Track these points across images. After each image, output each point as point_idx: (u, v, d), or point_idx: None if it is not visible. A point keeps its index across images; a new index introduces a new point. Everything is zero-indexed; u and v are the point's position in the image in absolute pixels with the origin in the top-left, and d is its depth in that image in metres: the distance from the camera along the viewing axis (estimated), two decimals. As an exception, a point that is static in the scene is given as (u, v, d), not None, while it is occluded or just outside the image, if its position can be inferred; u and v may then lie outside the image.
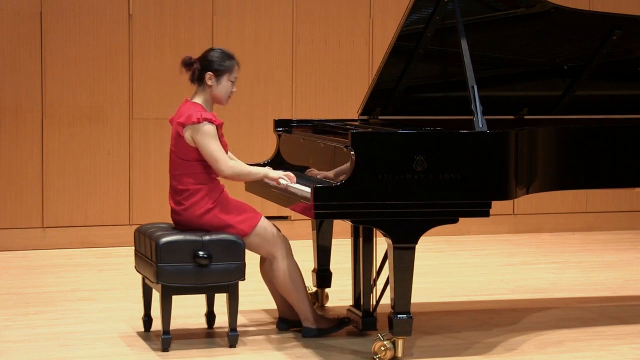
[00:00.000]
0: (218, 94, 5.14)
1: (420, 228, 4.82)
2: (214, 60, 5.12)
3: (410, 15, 5.26)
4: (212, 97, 5.16)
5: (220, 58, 5.13)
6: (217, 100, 5.17)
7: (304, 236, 7.23)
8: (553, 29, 5.65)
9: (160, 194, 7.89)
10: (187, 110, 5.10)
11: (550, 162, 5.26)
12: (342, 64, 8.35)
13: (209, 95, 5.15)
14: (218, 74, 5.11)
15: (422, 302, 6.07)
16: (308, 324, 5.27)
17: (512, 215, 8.79)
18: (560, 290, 6.58)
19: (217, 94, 5.14)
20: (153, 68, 7.93)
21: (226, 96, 5.17)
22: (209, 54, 5.15)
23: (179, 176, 5.12)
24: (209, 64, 5.11)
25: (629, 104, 6.14)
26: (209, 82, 5.11)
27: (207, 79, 5.11)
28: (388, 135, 4.86)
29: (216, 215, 5.07)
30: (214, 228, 5.07)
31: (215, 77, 5.12)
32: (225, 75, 5.13)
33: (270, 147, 6.69)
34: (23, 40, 7.67)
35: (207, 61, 5.12)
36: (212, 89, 5.13)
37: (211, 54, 5.14)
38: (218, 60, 5.12)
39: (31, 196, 7.75)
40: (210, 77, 5.11)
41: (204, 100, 5.16)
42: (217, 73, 5.11)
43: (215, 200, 5.08)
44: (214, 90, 5.13)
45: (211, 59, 5.12)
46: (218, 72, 5.11)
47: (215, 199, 5.08)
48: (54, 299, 6.15)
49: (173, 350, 5.04)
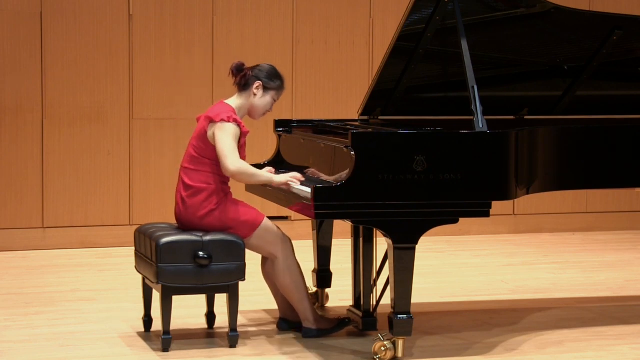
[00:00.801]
0: (258, 105, 5.18)
1: (420, 228, 4.82)
2: (268, 73, 5.18)
3: (410, 15, 5.26)
4: (249, 106, 5.18)
5: (275, 75, 5.20)
6: (253, 111, 5.19)
7: (304, 236, 7.23)
8: (553, 29, 5.66)
9: (160, 194, 7.90)
10: (219, 108, 5.11)
11: (550, 162, 5.26)
12: (342, 64, 8.35)
13: (247, 103, 5.18)
14: (267, 86, 5.16)
15: (422, 302, 6.07)
16: (308, 324, 5.27)
17: (512, 215, 8.79)
18: (560, 290, 6.58)
19: (257, 105, 5.17)
20: (153, 68, 7.93)
21: (263, 111, 5.21)
22: (265, 66, 5.21)
23: (189, 171, 5.12)
24: (262, 74, 5.17)
25: (629, 104, 6.14)
26: (255, 91, 5.15)
27: (255, 87, 5.15)
28: (388, 135, 4.86)
29: (217, 217, 5.07)
30: (214, 229, 5.07)
31: (262, 89, 5.16)
32: (272, 91, 5.19)
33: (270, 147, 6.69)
34: (23, 40, 7.67)
35: (261, 71, 5.18)
36: (255, 98, 5.16)
37: (267, 67, 5.20)
38: (270, 75, 5.18)
39: (31, 196, 7.75)
40: (259, 86, 5.15)
41: (239, 106, 5.17)
42: (266, 85, 5.16)
43: (218, 203, 5.08)
44: (255, 100, 5.16)
45: (266, 71, 5.18)
46: (267, 85, 5.16)
47: (217, 201, 5.08)
48: (54, 299, 6.15)
49: (173, 350, 5.04)
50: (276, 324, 5.46)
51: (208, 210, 5.06)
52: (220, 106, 5.14)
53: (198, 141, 5.11)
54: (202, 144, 5.09)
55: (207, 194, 5.07)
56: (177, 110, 7.99)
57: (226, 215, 5.07)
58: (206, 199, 5.07)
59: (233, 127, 5.03)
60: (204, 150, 5.09)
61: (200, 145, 5.10)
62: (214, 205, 5.07)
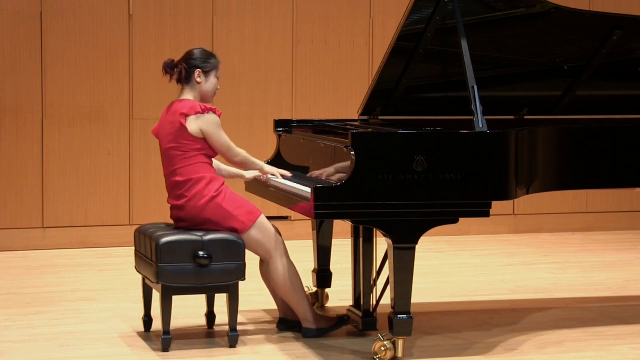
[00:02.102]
0: (207, 90, 5.25)
1: (420, 228, 4.82)
2: (199, 58, 5.24)
3: (410, 15, 5.26)
4: (200, 94, 5.25)
5: (205, 56, 5.26)
6: (205, 97, 5.26)
7: (304, 236, 7.23)
8: (553, 29, 5.65)
9: (160, 194, 7.87)
10: (185, 105, 5.14)
11: (550, 162, 5.26)
12: (342, 64, 8.35)
13: (197, 93, 5.24)
14: (206, 71, 5.22)
15: (422, 302, 6.07)
16: (307, 324, 5.27)
17: (512, 215, 8.79)
18: (560, 290, 6.58)
19: (206, 90, 5.25)
20: (153, 68, 7.92)
21: (213, 92, 5.30)
22: (193, 53, 5.27)
23: (178, 170, 5.12)
24: (195, 62, 5.23)
25: (629, 104, 6.14)
26: (198, 79, 5.22)
27: (197, 76, 5.21)
28: (388, 135, 4.86)
29: (219, 204, 5.07)
30: (216, 217, 5.06)
31: (203, 74, 5.22)
32: (212, 72, 5.26)
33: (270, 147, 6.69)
34: (23, 40, 7.67)
35: (192, 59, 5.24)
36: (201, 85, 5.23)
37: (195, 53, 5.27)
38: (203, 58, 5.25)
39: (31, 196, 7.75)
40: (199, 74, 5.22)
41: (194, 98, 5.24)
42: (205, 70, 5.21)
43: (218, 189, 5.10)
44: (202, 87, 5.23)
45: (196, 57, 5.25)
46: (206, 69, 5.22)
47: (217, 187, 5.10)
48: (54, 299, 6.15)
49: (173, 350, 5.04)
50: (276, 324, 5.46)
51: (210, 197, 5.07)
52: (183, 103, 5.18)
53: (177, 141, 5.12)
54: (184, 140, 5.11)
55: (205, 182, 5.10)
56: (177, 110, 7.97)
57: (227, 202, 5.09)
58: (206, 187, 5.09)
59: (214, 117, 5.13)
60: (188, 145, 5.12)
61: (181, 143, 5.11)
62: (214, 192, 5.09)
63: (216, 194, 5.09)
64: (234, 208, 5.10)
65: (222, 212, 5.08)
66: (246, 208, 5.13)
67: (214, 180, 5.12)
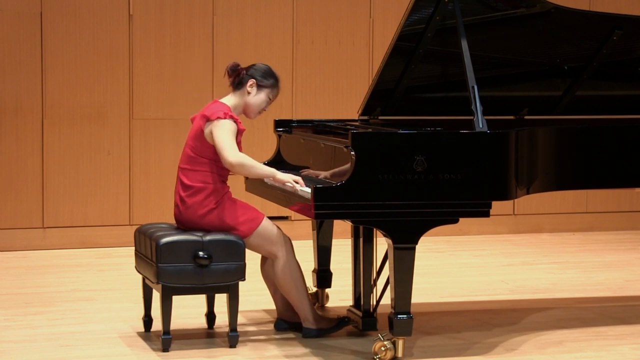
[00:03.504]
0: (253, 103, 5.18)
1: (420, 228, 4.82)
2: (260, 71, 5.19)
3: (410, 15, 5.26)
4: (244, 105, 5.18)
5: (267, 73, 5.21)
6: (248, 109, 5.19)
7: (304, 236, 7.23)
8: (553, 29, 5.65)
9: (160, 194, 7.90)
10: (214, 107, 5.12)
11: (550, 162, 5.26)
12: (342, 64, 8.35)
13: (242, 101, 5.18)
14: (260, 84, 5.17)
15: (422, 302, 6.07)
16: (308, 324, 5.27)
17: (512, 215, 8.79)
18: (560, 290, 6.58)
19: (252, 103, 5.18)
20: (153, 68, 7.93)
21: (258, 109, 5.21)
22: (260, 66, 5.23)
23: (188, 171, 5.12)
24: (256, 72, 5.18)
25: (629, 104, 6.14)
26: (249, 89, 5.16)
27: (249, 85, 5.16)
28: (388, 135, 4.86)
29: (217, 215, 5.07)
30: (215, 228, 5.07)
31: (256, 87, 5.17)
32: (266, 89, 5.19)
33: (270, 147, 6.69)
34: (23, 40, 7.67)
35: (255, 70, 5.19)
36: (250, 96, 5.17)
37: (262, 66, 5.22)
38: (264, 73, 5.20)
39: (31, 196, 7.75)
40: (252, 84, 5.16)
41: (234, 104, 5.18)
42: (260, 83, 5.17)
43: (218, 201, 5.08)
44: (250, 98, 5.17)
45: (258, 69, 5.20)
46: (261, 83, 5.17)
47: (217, 199, 5.08)
48: (54, 299, 6.15)
49: (173, 350, 5.04)
50: (274, 324, 5.46)
51: (208, 209, 5.07)
52: (216, 105, 5.14)
53: (195, 141, 5.11)
54: (199, 143, 5.09)
55: (206, 193, 5.07)
56: (177, 110, 7.99)
57: (226, 214, 5.08)
58: (206, 198, 5.07)
59: (230, 123, 5.03)
60: (202, 149, 5.09)
61: (197, 145, 5.10)
62: (213, 204, 5.07)
63: (215, 206, 5.07)
64: (233, 218, 5.08)
65: (221, 224, 5.07)
66: (246, 216, 5.10)
67: (215, 192, 5.09)
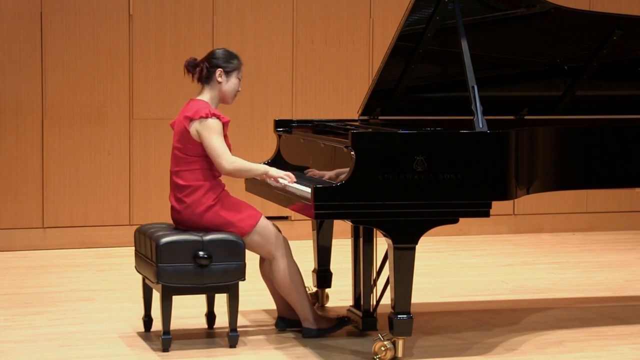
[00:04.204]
0: (227, 90, 5.19)
1: (420, 228, 4.82)
2: (221, 57, 5.19)
3: (410, 15, 5.26)
4: (219, 94, 5.20)
5: (228, 56, 5.21)
6: (224, 97, 5.21)
7: (304, 236, 7.23)
8: (553, 29, 5.65)
9: (160, 194, 7.89)
10: (194, 106, 5.13)
11: (550, 162, 5.26)
12: (342, 64, 8.35)
13: (216, 92, 5.19)
14: (228, 70, 5.17)
15: (422, 302, 6.07)
16: (308, 324, 5.27)
17: (512, 215, 8.79)
18: (560, 290, 6.58)
19: (226, 91, 5.19)
20: (153, 68, 7.93)
21: (233, 93, 5.23)
22: (216, 53, 5.21)
23: (180, 172, 5.13)
24: (217, 61, 5.18)
25: (629, 104, 6.14)
26: (219, 79, 5.16)
27: (217, 75, 5.16)
28: (388, 135, 4.86)
29: (217, 212, 5.07)
30: (215, 226, 5.07)
31: (224, 74, 5.17)
32: (234, 72, 5.20)
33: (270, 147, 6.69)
34: (23, 40, 7.67)
35: (214, 59, 5.19)
36: (222, 85, 5.18)
37: (218, 53, 5.21)
38: (226, 57, 5.20)
39: (31, 196, 7.75)
40: (220, 73, 5.16)
41: (210, 98, 5.19)
42: (226, 70, 5.17)
43: (216, 197, 5.09)
44: (222, 87, 5.18)
45: (219, 56, 5.19)
46: (227, 69, 5.17)
47: (216, 196, 5.09)
48: (54, 299, 6.15)
49: (173, 350, 5.04)
50: (274, 323, 5.46)
51: (207, 206, 5.07)
52: (195, 104, 5.16)
53: (181, 142, 5.12)
54: (187, 144, 5.10)
55: (204, 191, 5.08)
56: (177, 110, 7.90)
57: (226, 210, 5.08)
58: (204, 195, 5.08)
59: (215, 122, 5.05)
60: (190, 149, 5.10)
61: (185, 146, 5.11)
62: (212, 200, 5.08)
63: (214, 202, 5.08)
64: (232, 215, 5.09)
65: (220, 220, 5.07)
66: (245, 213, 5.12)
67: (212, 188, 5.10)
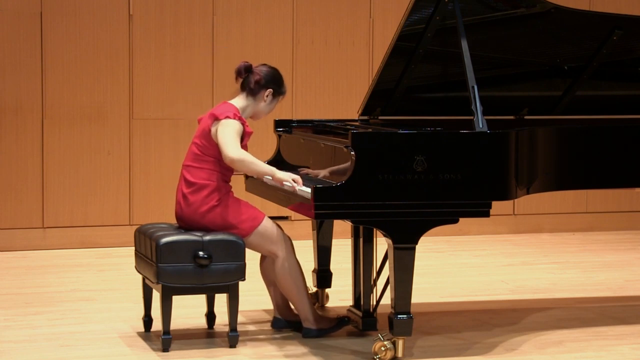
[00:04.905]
0: (264, 111, 5.24)
1: (420, 228, 4.82)
2: (277, 80, 5.22)
3: (410, 15, 5.26)
4: (255, 110, 5.22)
5: (282, 81, 5.25)
6: (258, 115, 5.25)
7: (304, 236, 7.23)
8: (553, 29, 5.65)
9: (160, 194, 7.90)
10: (223, 108, 5.14)
11: (550, 162, 5.26)
12: (342, 64, 8.35)
13: (254, 107, 5.21)
14: (275, 94, 5.21)
15: (422, 302, 6.07)
16: (308, 324, 5.27)
17: (512, 215, 8.79)
18: (560, 290, 6.58)
19: (263, 111, 5.24)
20: (153, 68, 7.93)
21: (265, 115, 5.27)
22: (275, 72, 5.22)
23: (192, 168, 5.13)
24: (273, 80, 5.20)
25: (629, 104, 6.14)
26: (266, 98, 5.18)
27: (266, 94, 5.18)
28: (388, 135, 4.86)
29: (219, 213, 5.07)
30: (216, 226, 5.07)
31: (272, 97, 5.21)
32: (279, 96, 5.25)
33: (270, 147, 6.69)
34: (23, 40, 7.67)
35: (271, 77, 5.20)
36: (264, 104, 5.20)
37: (276, 74, 5.23)
38: (280, 81, 5.23)
39: (31, 196, 7.75)
40: (269, 93, 5.19)
41: (243, 107, 5.19)
42: (275, 92, 5.21)
43: (219, 199, 5.09)
44: (263, 107, 5.21)
45: (274, 78, 5.21)
46: (276, 93, 5.21)
47: (219, 197, 5.09)
48: (54, 299, 6.15)
49: (173, 350, 5.04)
50: (271, 322, 5.46)
51: (210, 207, 5.07)
52: (225, 106, 5.16)
53: (201, 139, 5.12)
54: (206, 142, 5.11)
55: (209, 191, 5.08)
56: (177, 110, 7.99)
57: (227, 211, 5.09)
58: (208, 195, 5.08)
59: (236, 123, 5.06)
60: (208, 148, 5.10)
61: (203, 144, 5.11)
62: (215, 201, 5.08)
63: (217, 203, 5.08)
64: (234, 217, 5.09)
65: (222, 221, 5.08)
66: (247, 214, 5.11)
67: (217, 190, 5.10)
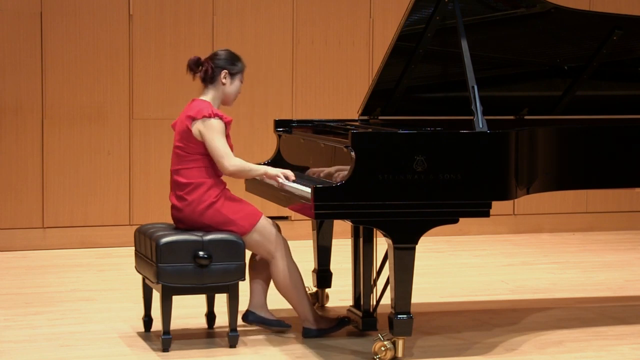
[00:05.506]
0: (230, 92, 5.22)
1: (420, 228, 4.82)
2: (227, 59, 5.21)
3: (410, 15, 5.26)
4: (222, 96, 5.22)
5: (233, 58, 5.23)
6: (227, 98, 5.24)
7: (304, 236, 7.23)
8: (553, 29, 5.65)
9: (160, 194, 7.89)
10: (196, 106, 5.14)
11: (550, 162, 5.26)
12: (342, 64, 8.35)
13: (219, 93, 5.21)
14: (233, 73, 5.20)
15: (422, 302, 6.07)
16: (308, 324, 5.27)
17: (512, 215, 8.79)
18: (560, 290, 6.58)
19: (229, 93, 5.22)
20: (153, 68, 7.93)
21: (235, 95, 5.26)
22: (221, 54, 5.23)
23: (182, 170, 5.13)
24: (222, 62, 5.19)
25: (629, 104, 6.14)
26: (224, 80, 5.19)
27: (222, 77, 5.18)
28: (388, 135, 4.86)
29: (218, 209, 5.08)
30: (215, 223, 5.07)
31: (229, 76, 5.20)
32: (238, 75, 5.24)
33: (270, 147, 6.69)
34: (23, 40, 7.67)
35: (220, 60, 5.20)
36: (225, 87, 5.20)
37: (223, 54, 5.23)
38: (231, 60, 5.22)
39: (31, 196, 7.75)
40: (225, 75, 5.19)
41: (213, 98, 5.21)
42: (231, 72, 5.20)
43: (217, 195, 5.09)
44: (226, 89, 5.20)
45: (224, 58, 5.21)
46: (232, 71, 5.20)
47: (217, 193, 5.10)
48: (54, 299, 6.15)
49: (173, 350, 5.04)
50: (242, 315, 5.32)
51: (208, 203, 5.08)
52: (197, 103, 5.17)
53: (182, 141, 5.13)
54: (189, 143, 5.11)
55: (205, 188, 5.09)
56: (177, 110, 7.90)
57: (226, 207, 5.09)
58: (205, 192, 5.09)
59: (217, 122, 5.07)
60: (192, 147, 5.11)
61: (187, 145, 5.12)
62: (213, 197, 5.09)
63: (215, 199, 5.09)
64: (233, 213, 5.10)
65: (221, 218, 5.08)
66: (245, 212, 5.12)
67: (214, 186, 5.11)
